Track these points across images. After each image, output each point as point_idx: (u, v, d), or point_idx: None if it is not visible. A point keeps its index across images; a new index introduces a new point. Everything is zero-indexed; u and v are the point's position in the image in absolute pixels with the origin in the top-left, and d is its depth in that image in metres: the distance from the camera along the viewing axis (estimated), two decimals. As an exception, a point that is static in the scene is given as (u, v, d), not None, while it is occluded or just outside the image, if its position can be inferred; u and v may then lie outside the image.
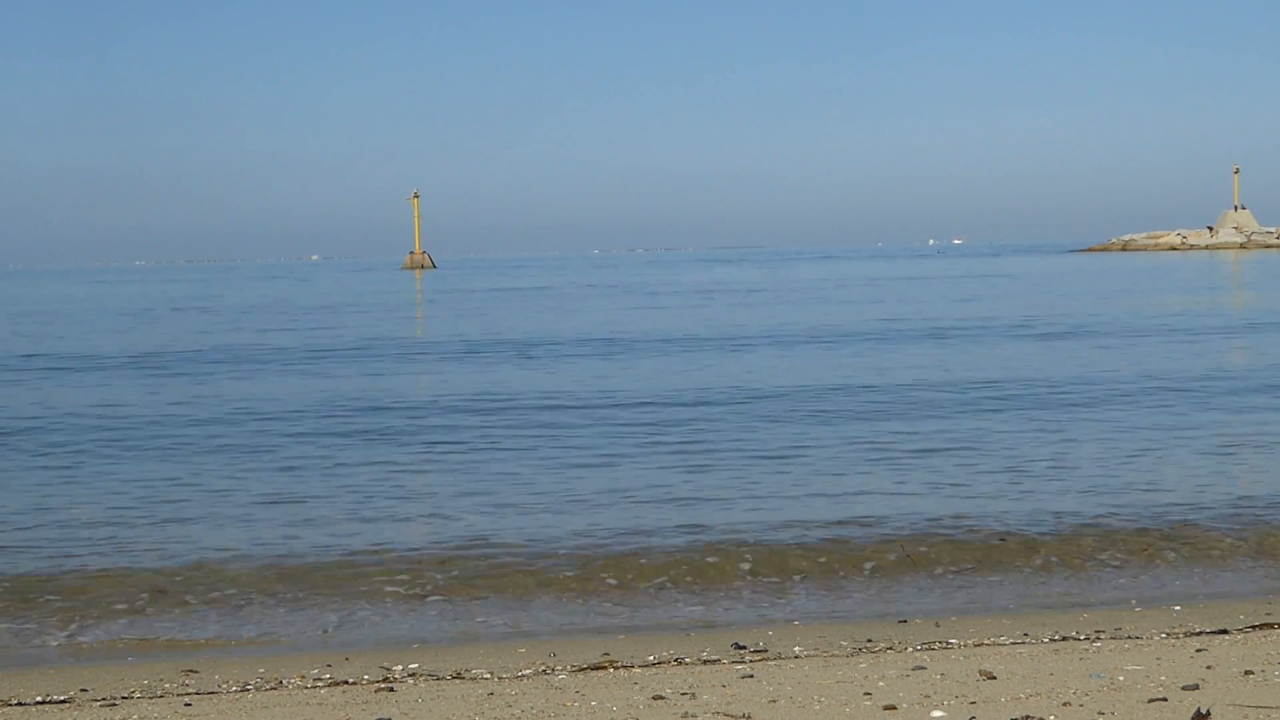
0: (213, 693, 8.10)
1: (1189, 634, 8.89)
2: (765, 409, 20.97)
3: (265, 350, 35.17)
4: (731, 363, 29.43)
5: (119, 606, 10.59)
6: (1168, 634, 8.95)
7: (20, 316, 58.98)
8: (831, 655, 8.57)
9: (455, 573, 11.35)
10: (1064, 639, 8.93)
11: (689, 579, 11.22)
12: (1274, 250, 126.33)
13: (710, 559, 11.61)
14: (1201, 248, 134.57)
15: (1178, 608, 10.07)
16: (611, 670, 8.27)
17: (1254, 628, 9.03)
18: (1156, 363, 27.15)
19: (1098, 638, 8.91)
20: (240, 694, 8.01)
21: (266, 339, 39.84)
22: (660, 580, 11.18)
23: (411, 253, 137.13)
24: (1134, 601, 10.43)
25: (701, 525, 12.65)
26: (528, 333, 40.42)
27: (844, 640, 9.20)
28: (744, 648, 9.01)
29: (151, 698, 7.97)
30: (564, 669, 8.42)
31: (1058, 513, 12.87)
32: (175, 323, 51.51)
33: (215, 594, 10.90)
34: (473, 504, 13.97)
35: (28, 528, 13.11)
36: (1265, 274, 75.95)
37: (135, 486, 15.17)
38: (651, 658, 8.73)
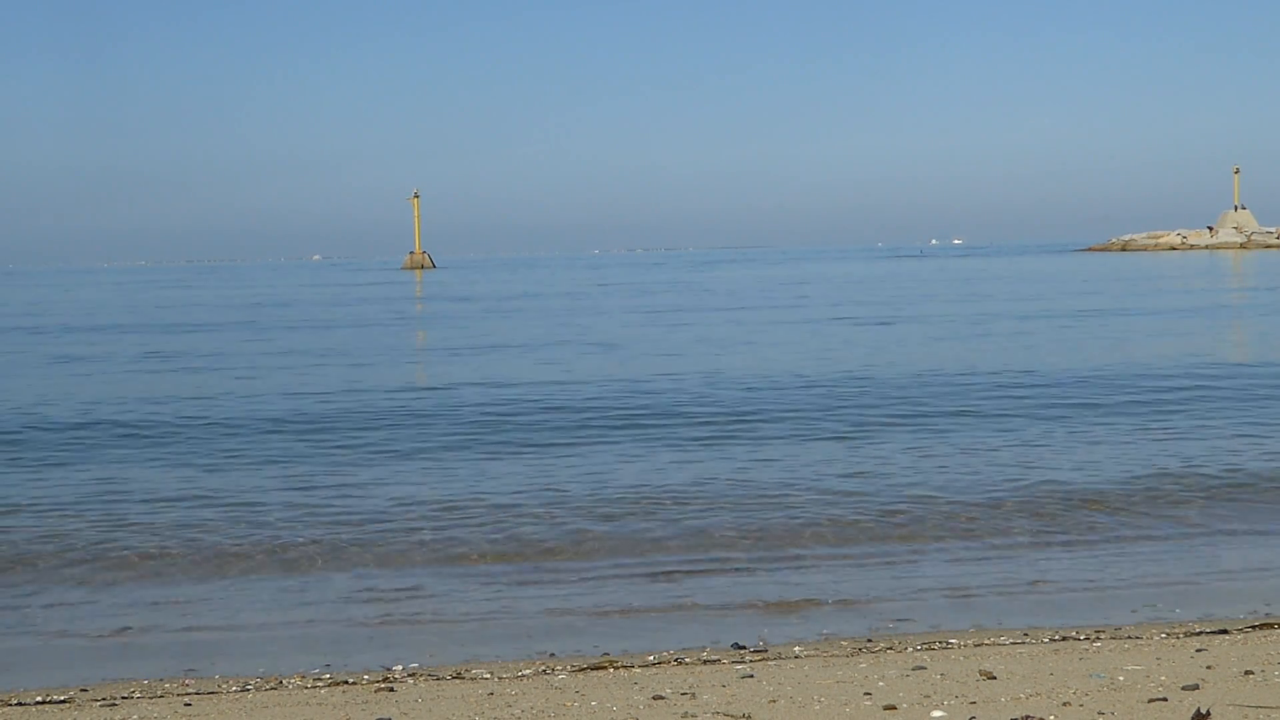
0: (213, 693, 8.09)
1: (1189, 634, 8.88)
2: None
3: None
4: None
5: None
6: (1167, 634, 8.94)
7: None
8: (831, 655, 8.56)
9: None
10: (1064, 639, 8.92)
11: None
12: (1274, 250, 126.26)
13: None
14: (1201, 247, 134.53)
15: (1178, 609, 10.06)
16: (611, 670, 8.27)
17: (1254, 628, 9.03)
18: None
19: (1098, 637, 8.90)
20: (240, 694, 8.01)
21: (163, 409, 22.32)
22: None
23: (411, 253, 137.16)
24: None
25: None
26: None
27: (844, 640, 9.20)
28: (744, 647, 9.00)
29: (151, 698, 7.96)
30: (564, 669, 8.42)
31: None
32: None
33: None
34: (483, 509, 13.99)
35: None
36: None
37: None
38: (651, 658, 8.73)
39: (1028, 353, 29.40)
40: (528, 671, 8.38)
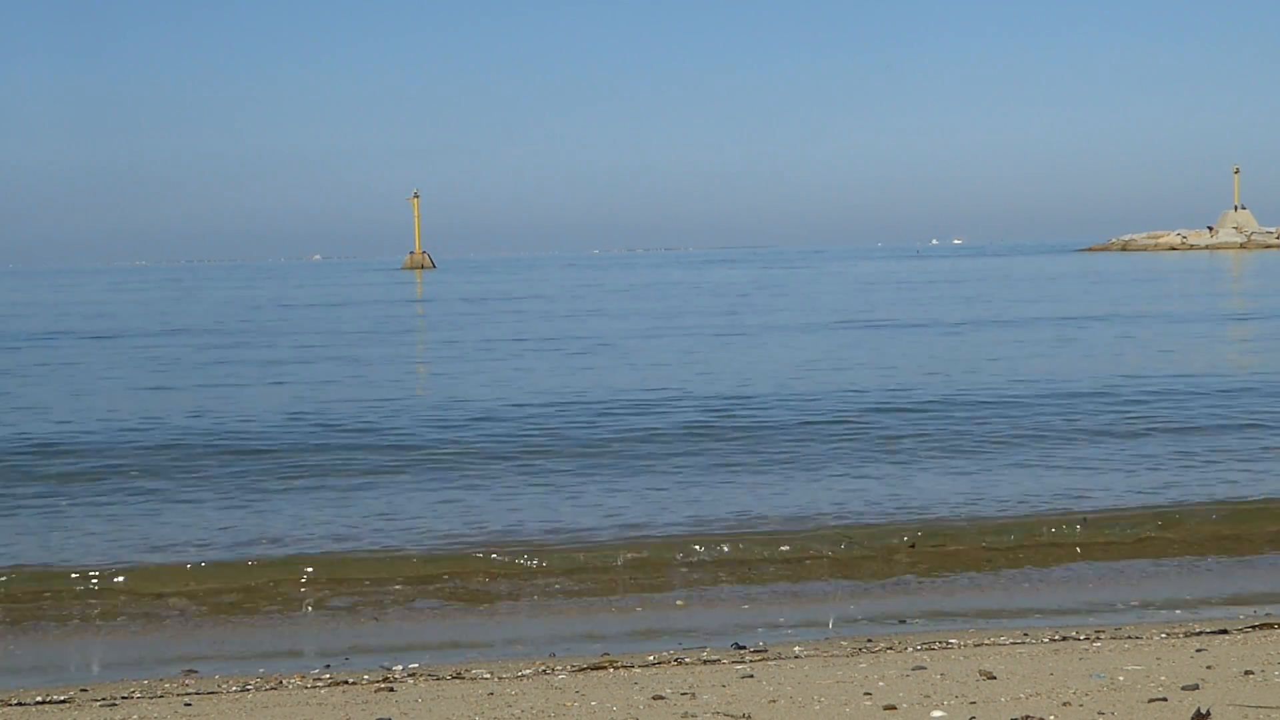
0: (213, 693, 8.09)
1: (1189, 634, 8.88)
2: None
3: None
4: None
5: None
6: (1168, 634, 8.94)
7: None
8: (831, 655, 8.56)
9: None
10: (1064, 639, 8.92)
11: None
12: (1274, 250, 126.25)
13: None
14: (1201, 248, 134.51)
15: (1179, 610, 10.06)
16: (611, 670, 8.27)
17: (1254, 628, 9.03)
18: None
19: (1098, 637, 8.90)
20: (240, 694, 8.01)
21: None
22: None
23: (411, 253, 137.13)
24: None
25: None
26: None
27: (844, 640, 9.20)
28: (744, 648, 9.00)
29: (151, 698, 7.96)
30: (564, 669, 8.41)
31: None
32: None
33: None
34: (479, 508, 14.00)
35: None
36: None
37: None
38: (651, 658, 8.72)
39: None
40: (528, 671, 8.38)
